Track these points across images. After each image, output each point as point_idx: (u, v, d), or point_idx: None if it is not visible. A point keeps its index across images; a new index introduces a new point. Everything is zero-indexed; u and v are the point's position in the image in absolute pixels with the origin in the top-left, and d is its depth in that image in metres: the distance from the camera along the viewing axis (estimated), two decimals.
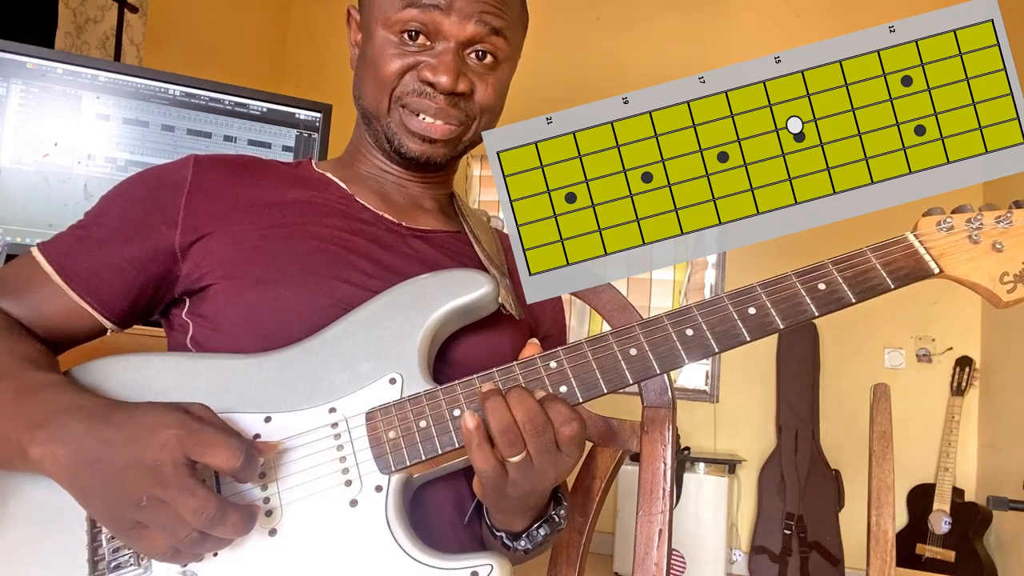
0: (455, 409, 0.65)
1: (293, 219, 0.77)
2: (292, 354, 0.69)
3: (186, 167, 0.77)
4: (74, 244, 0.74)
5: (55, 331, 0.73)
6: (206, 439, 0.57)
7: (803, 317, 0.64)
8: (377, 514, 0.64)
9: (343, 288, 0.74)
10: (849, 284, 0.64)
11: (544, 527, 0.74)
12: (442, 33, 0.76)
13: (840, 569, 3.33)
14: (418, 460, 0.64)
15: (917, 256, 0.64)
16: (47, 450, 0.58)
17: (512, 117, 0.70)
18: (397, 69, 0.77)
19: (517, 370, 0.66)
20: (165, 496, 0.55)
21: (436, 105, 0.77)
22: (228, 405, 0.66)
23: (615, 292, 0.95)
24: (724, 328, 0.64)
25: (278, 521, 0.63)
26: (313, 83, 3.75)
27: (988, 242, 0.63)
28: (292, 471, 0.65)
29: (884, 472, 1.02)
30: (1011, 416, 3.19)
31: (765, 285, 0.66)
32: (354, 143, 0.88)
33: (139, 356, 0.69)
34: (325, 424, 0.66)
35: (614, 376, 0.65)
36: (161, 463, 0.56)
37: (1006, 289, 0.62)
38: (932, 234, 0.64)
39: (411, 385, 0.67)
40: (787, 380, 3.64)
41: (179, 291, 0.76)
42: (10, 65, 1.27)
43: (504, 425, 0.59)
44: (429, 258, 0.81)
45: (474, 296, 0.71)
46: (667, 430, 0.89)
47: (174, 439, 0.57)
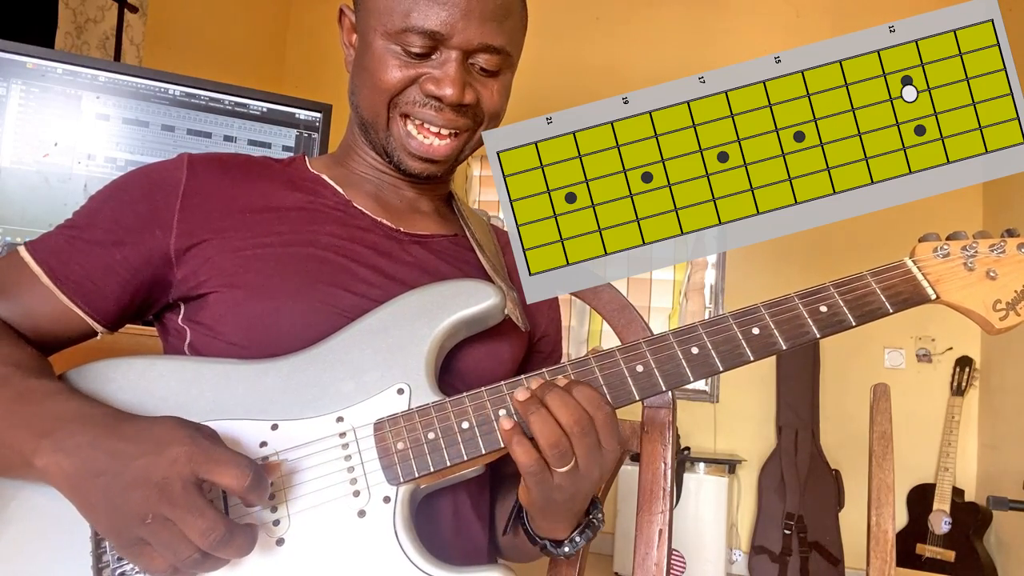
0: (463, 422, 0.65)
1: (292, 227, 0.76)
2: (298, 361, 0.68)
3: (180, 168, 0.76)
4: (64, 246, 0.72)
5: (44, 334, 0.72)
6: (216, 457, 0.56)
7: (805, 339, 0.65)
8: (385, 525, 0.64)
9: (345, 297, 0.73)
10: (850, 307, 0.65)
11: (587, 531, 0.74)
12: (445, 44, 0.73)
13: (840, 569, 3.33)
14: (427, 472, 0.64)
15: (915, 282, 0.66)
16: (52, 460, 0.57)
17: (512, 117, 0.70)
18: (398, 81, 0.75)
19: (525, 384, 0.65)
20: (172, 515, 0.54)
21: (442, 116, 0.75)
22: (233, 411, 0.65)
23: (615, 292, 0.95)
24: (728, 348, 0.65)
25: (285, 531, 0.63)
26: (313, 83, 3.75)
27: (982, 270, 0.65)
28: (300, 480, 0.64)
29: (884, 472, 1.02)
30: (1011, 416, 3.19)
31: (769, 306, 0.66)
32: (347, 142, 0.85)
33: (141, 359, 0.68)
34: (333, 434, 0.66)
35: (621, 392, 0.65)
36: (170, 481, 0.55)
37: (999, 316, 0.64)
38: (929, 260, 0.66)
39: (419, 396, 0.67)
40: (787, 380, 3.64)
41: (174, 296, 0.75)
42: (10, 65, 1.27)
43: (554, 439, 0.59)
44: (429, 265, 0.80)
45: (481, 308, 0.71)
46: (667, 430, 0.89)
47: (184, 456, 0.55)
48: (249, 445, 0.65)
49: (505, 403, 0.65)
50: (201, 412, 0.64)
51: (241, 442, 0.65)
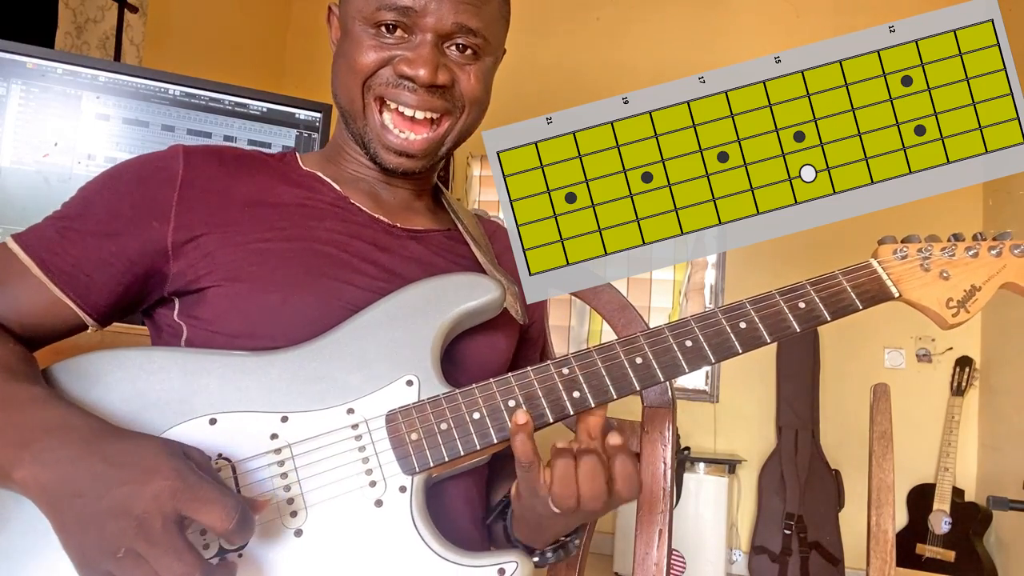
0: (475, 412, 0.66)
1: (292, 222, 0.76)
2: (304, 353, 0.69)
3: (176, 160, 0.74)
4: (55, 237, 0.71)
5: (32, 327, 0.70)
6: (202, 495, 0.53)
7: (787, 333, 0.69)
8: (403, 514, 0.65)
9: (349, 290, 0.73)
10: (824, 304, 0.69)
11: (560, 551, 0.75)
12: (419, 26, 0.74)
13: (840, 569, 3.33)
14: (441, 462, 0.66)
15: (880, 281, 0.70)
16: (30, 472, 0.55)
17: (512, 117, 0.70)
18: (372, 61, 0.75)
19: (532, 375, 0.67)
20: (147, 554, 0.52)
21: (417, 97, 0.75)
22: (241, 404, 0.66)
23: (615, 292, 0.95)
24: (719, 340, 0.68)
25: (303, 522, 0.63)
26: (313, 83, 3.75)
27: (936, 270, 0.70)
28: (315, 472, 0.65)
29: (884, 472, 1.02)
30: (1011, 416, 3.19)
31: (754, 302, 0.69)
32: (337, 141, 0.85)
33: (138, 351, 0.67)
34: (345, 425, 0.66)
35: (623, 383, 0.67)
36: (150, 516, 0.52)
37: (951, 313, 0.70)
38: (891, 261, 0.71)
39: (427, 387, 0.68)
40: (787, 380, 3.64)
41: (169, 291, 0.74)
42: (10, 65, 1.27)
43: (567, 491, 0.61)
44: (425, 260, 0.81)
45: (483, 301, 0.72)
46: (667, 430, 0.89)
47: (168, 491, 0.53)
48: (259, 437, 0.65)
49: (513, 394, 0.67)
50: (206, 405, 0.65)
51: (251, 434, 0.65)
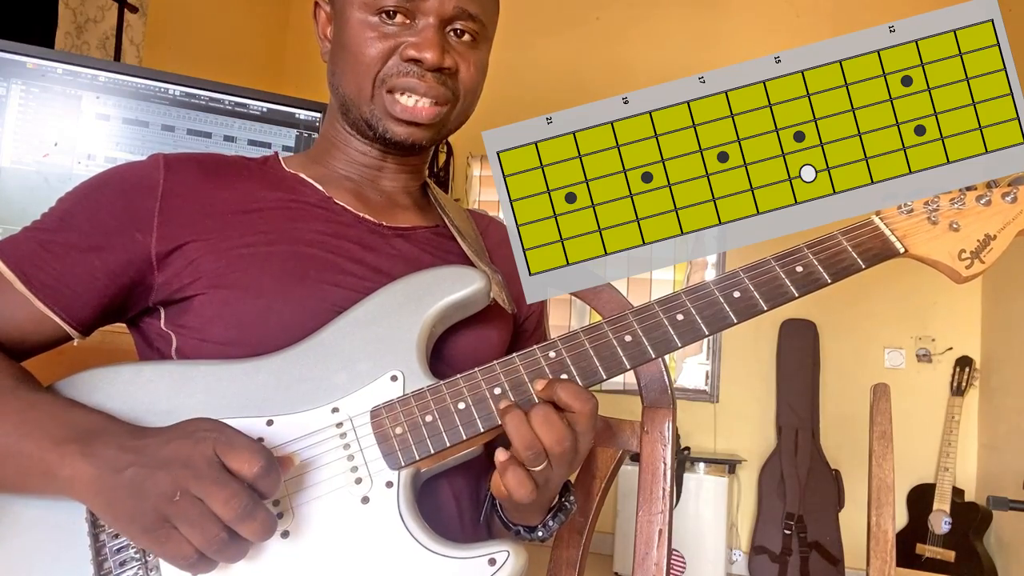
0: (459, 402, 0.66)
1: (276, 225, 0.75)
2: (288, 356, 0.69)
3: (156, 169, 0.74)
4: (37, 250, 0.70)
5: (15, 341, 0.70)
6: (236, 442, 0.58)
7: (784, 299, 0.67)
8: (390, 509, 0.64)
9: (334, 292, 0.73)
10: (824, 265, 0.68)
11: (560, 515, 0.75)
12: (421, 10, 0.75)
13: (840, 569, 3.33)
14: (427, 454, 0.65)
15: (883, 237, 0.68)
16: (80, 467, 0.58)
17: (512, 117, 0.70)
18: (379, 52, 0.76)
19: (518, 361, 0.67)
20: (198, 490, 0.55)
21: (425, 84, 0.76)
22: (227, 411, 0.65)
23: (615, 292, 0.95)
24: (712, 312, 0.67)
25: (290, 523, 0.63)
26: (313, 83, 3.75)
27: (945, 222, 0.68)
28: (300, 472, 0.65)
29: (884, 472, 1.02)
30: (1011, 416, 3.19)
31: (747, 270, 0.68)
32: (327, 138, 0.85)
33: (128, 367, 0.68)
34: (329, 424, 0.66)
35: (612, 363, 0.66)
36: (195, 458, 0.57)
37: (964, 265, 0.67)
38: (895, 217, 0.69)
39: (413, 381, 0.68)
40: (787, 380, 3.64)
41: (154, 300, 0.74)
42: (10, 65, 1.27)
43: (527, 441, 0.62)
44: (412, 257, 0.80)
45: (468, 291, 0.72)
46: (667, 430, 0.89)
47: (207, 438, 0.58)
48: None
49: (499, 381, 0.66)
50: (192, 413, 0.64)
51: None
